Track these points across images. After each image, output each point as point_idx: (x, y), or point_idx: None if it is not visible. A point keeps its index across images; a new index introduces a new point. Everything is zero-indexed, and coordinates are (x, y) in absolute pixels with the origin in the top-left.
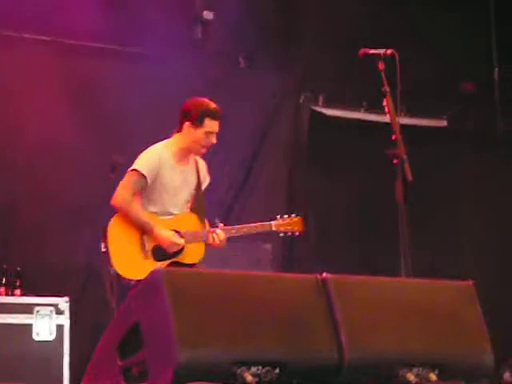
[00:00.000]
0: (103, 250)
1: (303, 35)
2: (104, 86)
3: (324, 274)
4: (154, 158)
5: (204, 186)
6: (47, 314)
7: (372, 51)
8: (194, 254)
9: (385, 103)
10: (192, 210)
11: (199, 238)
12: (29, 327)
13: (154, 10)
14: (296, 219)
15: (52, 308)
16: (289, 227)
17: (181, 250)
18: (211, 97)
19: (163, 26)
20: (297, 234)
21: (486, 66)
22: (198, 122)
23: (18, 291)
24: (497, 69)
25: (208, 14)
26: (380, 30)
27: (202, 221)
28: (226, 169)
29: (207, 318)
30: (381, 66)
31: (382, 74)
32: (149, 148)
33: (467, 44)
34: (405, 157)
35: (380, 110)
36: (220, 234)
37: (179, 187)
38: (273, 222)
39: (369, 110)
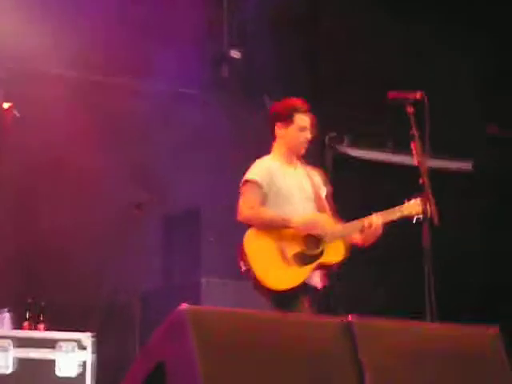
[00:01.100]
0: (243, 269)
1: (329, 75)
2: (133, 124)
3: (349, 317)
4: (262, 166)
5: (323, 192)
6: (70, 350)
7: (401, 95)
8: (336, 251)
9: (413, 147)
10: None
11: (340, 235)
12: (52, 363)
13: (182, 47)
14: (420, 200)
15: (75, 343)
16: (419, 208)
17: (322, 252)
18: (237, 136)
19: (191, 64)
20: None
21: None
22: (287, 120)
23: (41, 326)
24: None
25: (235, 53)
26: (406, 72)
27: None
28: None
29: (233, 360)
30: (409, 109)
31: (411, 118)
32: (255, 161)
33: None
34: (432, 201)
35: (406, 151)
36: (376, 219)
37: (294, 191)
38: (404, 206)
39: (394, 151)
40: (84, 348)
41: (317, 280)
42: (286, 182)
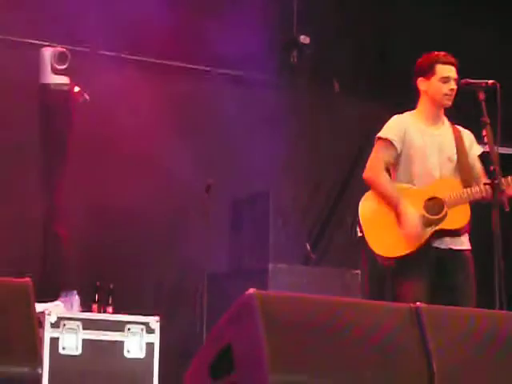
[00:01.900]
0: (359, 234)
1: (398, 60)
2: (202, 108)
3: (418, 304)
4: (398, 123)
5: (473, 151)
6: (138, 332)
7: (473, 81)
8: (458, 218)
9: (484, 134)
10: (456, 177)
11: (464, 199)
12: (120, 344)
13: (251, 33)
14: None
15: (143, 326)
16: None
17: (443, 217)
18: (307, 121)
19: (260, 49)
20: None
21: None
22: (429, 72)
23: (110, 309)
24: None
25: (305, 39)
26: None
27: (468, 185)
28: (319, 193)
29: (300, 344)
30: (481, 95)
31: (483, 104)
32: (392, 117)
33: None
34: (503, 187)
35: (478, 140)
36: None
37: (432, 150)
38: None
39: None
40: (152, 331)
41: (453, 241)
42: (422, 141)
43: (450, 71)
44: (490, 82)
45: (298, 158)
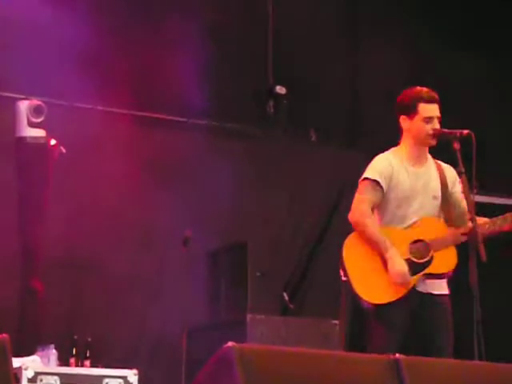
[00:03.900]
0: (343, 279)
1: (371, 110)
2: (178, 159)
3: (397, 355)
4: (384, 163)
5: (456, 189)
6: None
7: (447, 131)
8: (445, 262)
9: (460, 183)
10: (441, 214)
11: (449, 242)
12: None
13: (226, 84)
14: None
15: (121, 380)
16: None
17: (430, 260)
18: (283, 170)
19: (236, 100)
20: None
21: None
22: (411, 111)
23: (87, 362)
24: None
25: (281, 89)
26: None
27: (451, 224)
28: (297, 243)
29: None
30: (456, 145)
31: (458, 154)
32: (376, 157)
33: None
34: (479, 237)
35: None
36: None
37: (418, 190)
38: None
39: None
40: None
41: (433, 286)
42: (407, 181)
43: (433, 110)
44: (465, 131)
45: (275, 207)
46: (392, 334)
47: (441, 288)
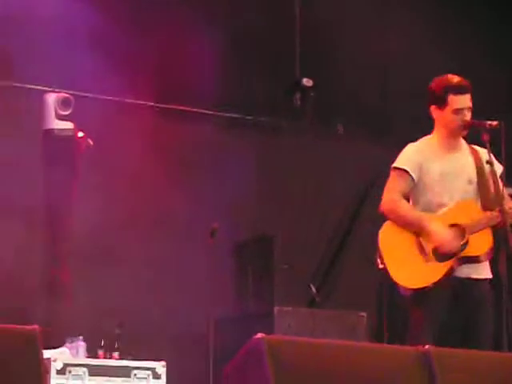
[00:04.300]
0: (380, 266)
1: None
2: (205, 151)
3: (427, 347)
4: (414, 151)
5: (491, 172)
6: (144, 378)
7: (477, 122)
8: (480, 243)
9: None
10: (477, 198)
11: (483, 225)
12: None
13: (254, 76)
14: None
15: (149, 372)
16: None
17: (465, 243)
18: (311, 163)
19: (264, 92)
20: None
21: None
22: (441, 102)
23: (116, 354)
24: None
25: (308, 81)
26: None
27: (488, 207)
28: (324, 235)
29: None
30: (485, 137)
31: (487, 145)
32: (406, 146)
33: None
34: (509, 228)
35: None
36: None
37: (451, 176)
38: None
39: None
40: (158, 376)
41: (471, 271)
42: (439, 168)
43: (463, 102)
44: (494, 123)
45: (302, 199)
46: (429, 322)
47: (481, 272)
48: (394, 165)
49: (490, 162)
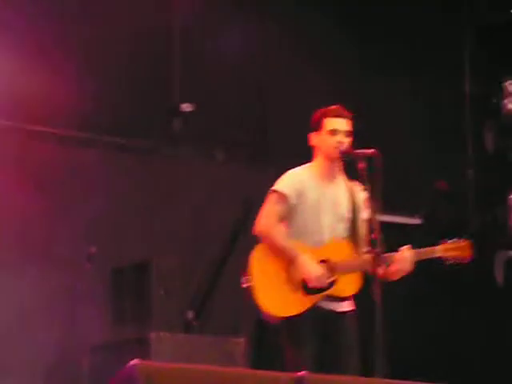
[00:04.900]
0: (245, 285)
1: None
2: (81, 176)
3: (302, 372)
4: (293, 177)
5: (364, 214)
6: None
7: (353, 151)
8: (349, 285)
9: (364, 202)
10: (348, 236)
11: (355, 267)
12: None
13: (132, 100)
14: (464, 243)
15: None
16: (457, 252)
17: (333, 282)
18: (189, 189)
19: (142, 117)
20: (466, 260)
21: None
22: (318, 127)
23: None
24: (471, 170)
25: (187, 107)
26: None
27: (357, 249)
28: (202, 261)
29: None
30: (361, 165)
31: (363, 174)
32: (287, 172)
33: (441, 143)
34: (384, 255)
35: None
36: (404, 254)
37: (324, 210)
38: (438, 247)
39: None
40: None
41: (335, 305)
42: (316, 198)
43: (337, 124)
44: (370, 151)
45: (181, 226)
46: (299, 349)
47: (344, 306)
48: (274, 188)
49: (365, 191)
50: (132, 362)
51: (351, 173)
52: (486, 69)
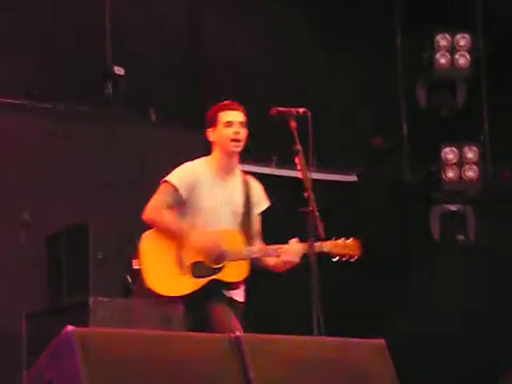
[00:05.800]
0: (134, 267)
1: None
2: (16, 141)
3: (237, 333)
4: (188, 170)
5: (258, 208)
6: None
7: (284, 109)
8: (236, 271)
9: (297, 161)
10: (241, 230)
11: (243, 256)
12: None
13: (65, 63)
14: (353, 243)
15: None
16: (345, 250)
17: (221, 268)
18: (125, 151)
19: (75, 81)
20: (354, 258)
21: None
22: (214, 122)
23: None
24: (405, 126)
25: (119, 70)
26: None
27: (249, 241)
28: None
29: (119, 378)
30: (293, 124)
31: (294, 132)
32: (184, 163)
33: (378, 102)
34: (317, 214)
35: (290, 165)
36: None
37: (218, 204)
38: (327, 243)
39: (279, 165)
40: None
41: (233, 293)
42: (210, 192)
43: (232, 116)
44: (301, 110)
45: (117, 188)
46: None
47: (240, 296)
48: (166, 178)
49: (298, 150)
50: (67, 329)
51: (283, 131)
52: (417, 23)
